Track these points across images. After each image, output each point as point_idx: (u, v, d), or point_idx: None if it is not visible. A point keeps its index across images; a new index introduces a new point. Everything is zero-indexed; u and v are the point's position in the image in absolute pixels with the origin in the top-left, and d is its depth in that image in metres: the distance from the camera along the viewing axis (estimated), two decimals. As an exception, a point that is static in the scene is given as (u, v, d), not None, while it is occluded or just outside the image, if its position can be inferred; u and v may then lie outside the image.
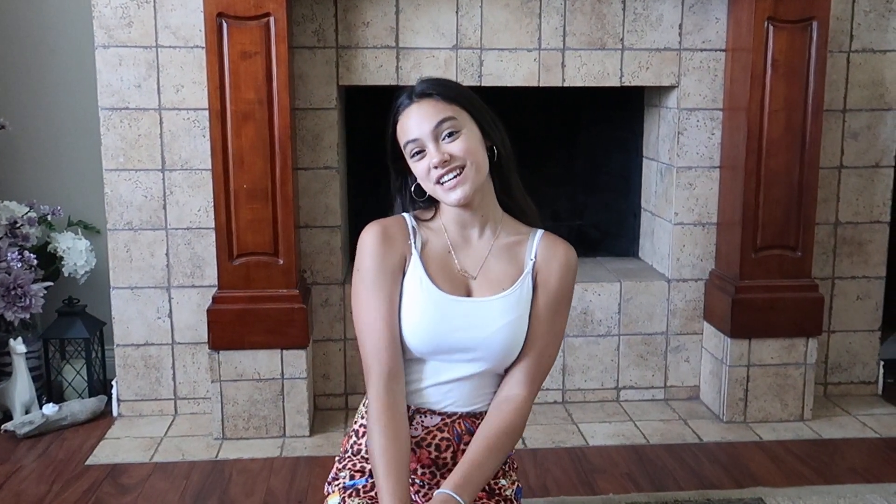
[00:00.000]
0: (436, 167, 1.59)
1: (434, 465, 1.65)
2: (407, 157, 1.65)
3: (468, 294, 1.65)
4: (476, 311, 1.62)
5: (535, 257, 1.68)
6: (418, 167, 1.62)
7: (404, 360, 1.64)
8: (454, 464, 1.63)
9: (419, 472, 1.65)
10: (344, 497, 1.63)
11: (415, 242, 1.66)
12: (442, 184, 1.60)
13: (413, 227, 1.68)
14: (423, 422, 1.64)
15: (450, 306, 1.61)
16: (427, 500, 1.61)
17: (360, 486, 1.63)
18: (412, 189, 1.69)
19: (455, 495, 1.48)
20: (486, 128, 1.65)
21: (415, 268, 1.64)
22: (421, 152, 1.61)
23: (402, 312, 1.63)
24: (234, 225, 2.59)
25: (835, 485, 2.42)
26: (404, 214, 1.71)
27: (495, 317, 1.61)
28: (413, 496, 1.62)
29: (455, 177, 1.59)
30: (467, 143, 1.60)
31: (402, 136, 1.64)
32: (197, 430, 2.78)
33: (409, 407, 1.64)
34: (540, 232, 1.73)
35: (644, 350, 3.01)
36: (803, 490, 2.38)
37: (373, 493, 1.61)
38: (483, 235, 1.69)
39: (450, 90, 1.64)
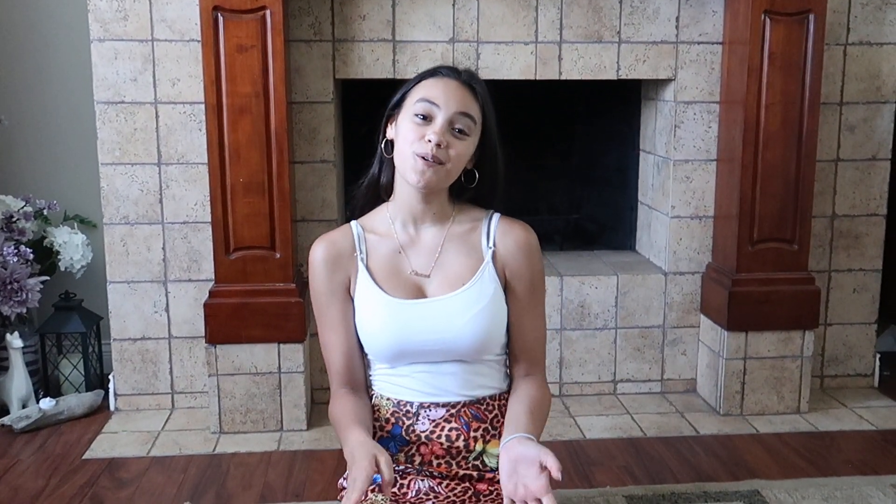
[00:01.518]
0: (429, 141, 1.56)
1: (448, 455, 1.64)
2: (407, 111, 1.61)
3: (423, 295, 1.64)
4: (434, 312, 1.61)
5: (494, 245, 1.66)
6: (413, 128, 1.58)
7: (387, 367, 1.66)
8: (468, 450, 1.63)
9: (434, 463, 1.64)
10: (366, 491, 1.62)
11: (360, 254, 1.65)
12: (420, 158, 1.56)
13: (359, 235, 1.67)
14: (429, 416, 1.64)
15: (405, 311, 1.61)
16: (450, 490, 1.61)
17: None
18: (382, 144, 1.68)
19: (526, 434, 1.51)
20: (484, 154, 1.66)
21: (363, 280, 1.64)
22: (426, 119, 1.58)
23: (360, 326, 1.64)
24: (230, 219, 2.59)
25: (831, 477, 2.43)
26: (351, 223, 1.70)
27: (457, 313, 1.60)
28: (436, 487, 1.62)
29: (432, 164, 1.57)
30: (464, 150, 1.60)
31: (422, 91, 1.60)
32: (194, 424, 2.78)
33: (412, 403, 1.65)
34: (496, 216, 1.70)
35: (641, 343, 3.01)
36: (800, 482, 2.38)
37: (395, 489, 1.61)
38: (433, 228, 1.67)
39: (487, 102, 1.65)
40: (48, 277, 2.88)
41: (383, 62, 2.77)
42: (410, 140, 1.58)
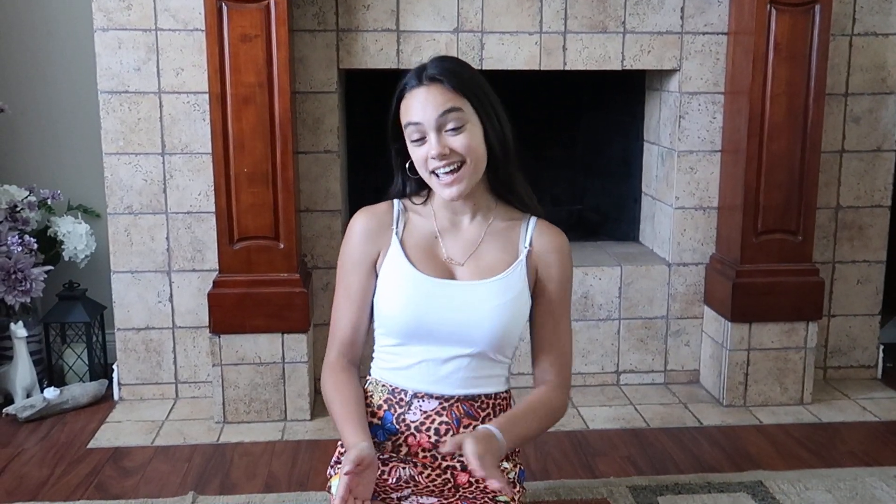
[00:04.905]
0: (433, 158, 1.56)
1: (434, 449, 1.65)
2: (407, 139, 1.62)
3: (452, 278, 1.64)
4: (460, 294, 1.61)
5: (530, 245, 1.67)
6: (417, 153, 1.61)
7: (396, 344, 1.65)
8: None
9: (420, 454, 1.65)
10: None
11: (396, 229, 1.67)
12: (437, 175, 1.58)
13: (399, 211, 1.69)
14: (420, 406, 1.64)
15: (432, 288, 1.61)
16: (430, 481, 1.62)
17: None
18: (407, 166, 1.67)
19: (496, 430, 1.50)
20: (490, 124, 1.61)
21: (393, 253, 1.65)
22: (421, 139, 1.58)
23: (384, 297, 1.64)
24: (234, 209, 2.59)
25: (834, 468, 2.43)
26: (394, 200, 1.71)
27: (481, 300, 1.61)
28: (416, 476, 1.63)
29: (452, 171, 1.57)
30: (470, 139, 1.58)
31: (404, 117, 1.61)
32: (198, 413, 2.79)
33: (405, 391, 1.65)
34: (533, 219, 1.71)
35: (644, 334, 3.01)
36: (803, 473, 2.39)
37: (376, 475, 1.61)
38: (474, 221, 1.68)
39: (461, 80, 1.59)
40: (52, 267, 2.88)
41: (387, 52, 2.76)
42: (421, 164, 1.61)
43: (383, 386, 1.68)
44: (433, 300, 1.60)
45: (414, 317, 1.61)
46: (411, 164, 1.66)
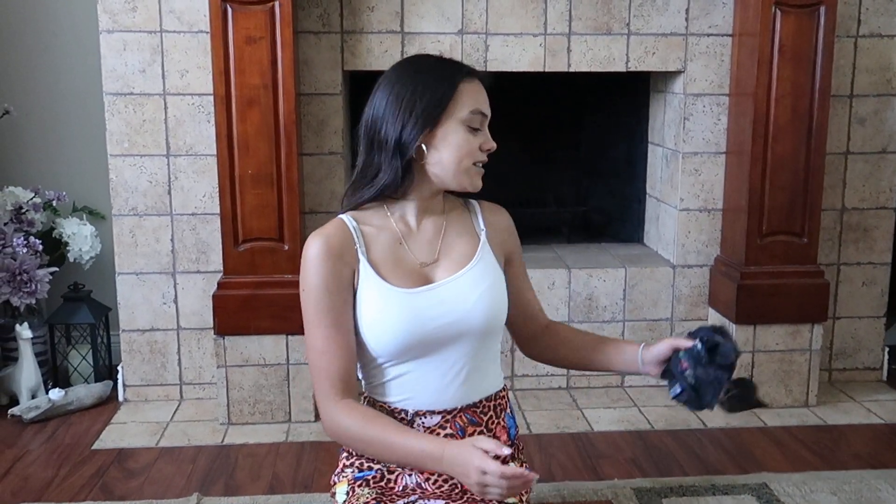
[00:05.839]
0: (486, 151, 1.58)
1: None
2: (457, 119, 1.55)
3: (429, 282, 1.59)
4: (444, 295, 1.57)
5: (484, 227, 1.68)
6: (472, 142, 1.56)
7: (385, 364, 1.59)
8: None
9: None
10: (353, 486, 1.62)
11: (360, 249, 1.56)
12: (475, 167, 1.59)
13: (354, 228, 1.58)
14: (423, 423, 1.60)
15: (416, 300, 1.55)
16: (437, 487, 1.61)
17: (369, 477, 1.62)
18: (414, 152, 1.54)
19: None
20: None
21: (366, 275, 1.55)
22: (477, 130, 1.57)
23: (368, 324, 1.55)
24: (239, 210, 2.59)
25: (839, 470, 2.42)
26: (343, 217, 1.60)
27: (466, 292, 1.58)
28: (423, 483, 1.62)
29: (482, 167, 1.60)
30: None
31: (471, 103, 1.56)
32: (202, 415, 2.79)
33: (406, 411, 1.60)
34: (474, 201, 1.72)
35: (649, 336, 3.00)
36: (808, 476, 2.38)
37: (382, 483, 1.60)
38: (433, 218, 1.64)
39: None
40: (57, 268, 2.89)
41: (392, 54, 2.76)
42: (468, 151, 1.56)
43: (381, 406, 1.62)
44: (422, 311, 1.55)
45: (407, 337, 1.54)
46: (419, 149, 1.55)
